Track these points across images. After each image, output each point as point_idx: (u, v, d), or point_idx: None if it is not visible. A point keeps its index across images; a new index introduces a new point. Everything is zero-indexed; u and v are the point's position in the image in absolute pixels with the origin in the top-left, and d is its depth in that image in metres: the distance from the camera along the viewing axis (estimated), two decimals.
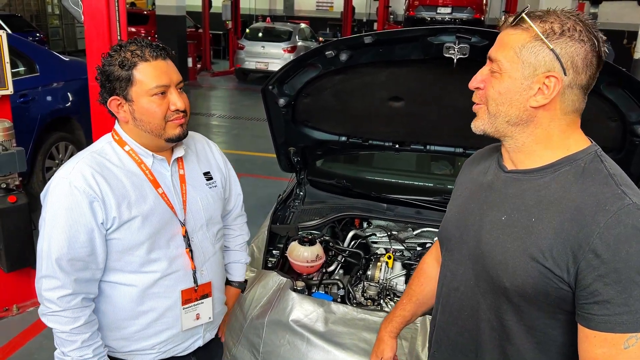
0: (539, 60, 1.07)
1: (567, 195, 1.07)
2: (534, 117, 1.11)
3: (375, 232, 2.84)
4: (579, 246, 1.02)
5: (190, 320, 1.62)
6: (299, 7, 25.11)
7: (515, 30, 1.09)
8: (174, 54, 1.52)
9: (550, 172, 1.12)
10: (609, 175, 1.07)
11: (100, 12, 2.79)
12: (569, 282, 1.04)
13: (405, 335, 2.00)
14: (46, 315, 1.45)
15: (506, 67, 1.10)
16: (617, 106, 2.05)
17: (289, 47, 13.16)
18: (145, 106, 1.45)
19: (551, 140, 1.12)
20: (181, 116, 1.49)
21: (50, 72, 5.09)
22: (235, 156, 7.10)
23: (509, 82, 1.10)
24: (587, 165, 1.10)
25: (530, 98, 1.09)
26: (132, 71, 1.42)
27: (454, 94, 2.23)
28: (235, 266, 1.93)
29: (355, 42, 2.19)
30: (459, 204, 1.33)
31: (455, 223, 1.30)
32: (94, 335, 1.48)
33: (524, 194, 1.14)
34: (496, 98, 1.12)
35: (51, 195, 1.44)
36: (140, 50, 1.43)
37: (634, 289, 0.98)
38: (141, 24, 15.07)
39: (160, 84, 1.44)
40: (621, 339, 1.00)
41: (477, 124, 1.18)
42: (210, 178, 1.68)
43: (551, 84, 1.07)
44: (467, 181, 1.35)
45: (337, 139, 2.82)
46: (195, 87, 12.78)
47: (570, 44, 1.05)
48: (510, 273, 1.11)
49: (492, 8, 17.39)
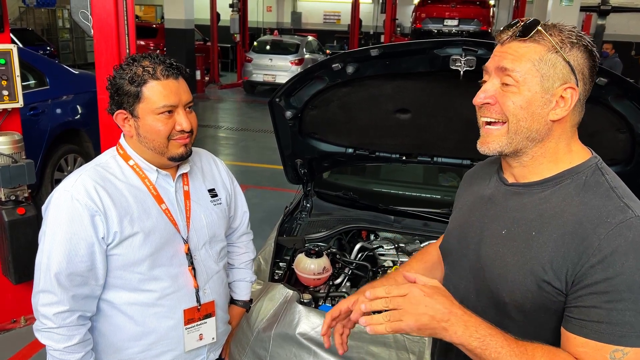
0: (557, 73, 1.06)
1: (568, 209, 1.06)
2: (550, 131, 1.10)
3: (382, 244, 2.82)
4: (578, 258, 1.01)
5: (193, 340, 1.59)
6: (306, 20, 25.26)
7: (526, 42, 1.07)
8: (187, 73, 1.49)
9: (551, 185, 1.11)
10: (610, 188, 1.06)
11: (109, 26, 2.81)
12: (566, 293, 1.03)
13: (413, 349, 1.98)
14: (40, 331, 1.41)
15: (524, 80, 1.06)
16: (626, 118, 2.04)
17: (297, 60, 13.23)
18: (150, 124, 1.42)
19: (557, 154, 1.12)
20: (186, 136, 1.46)
21: (60, 85, 5.14)
22: (243, 168, 7.12)
23: (529, 95, 1.07)
24: (588, 179, 1.09)
25: (551, 112, 1.07)
26: (141, 88, 1.40)
27: (461, 106, 2.22)
28: (240, 285, 1.90)
29: (362, 55, 2.19)
30: (459, 217, 1.32)
31: (457, 236, 1.29)
32: (88, 355, 1.44)
33: (525, 207, 1.13)
34: (517, 113, 1.08)
35: (52, 208, 1.41)
36: (153, 68, 1.41)
37: (620, 303, 0.97)
38: (150, 37, 15.22)
39: (168, 104, 1.41)
40: (602, 347, 0.99)
41: (493, 146, 1.12)
42: (215, 195, 1.66)
43: (568, 96, 1.06)
44: (467, 194, 1.34)
45: (344, 151, 2.81)
46: (203, 100, 12.86)
47: (580, 56, 1.06)
48: (509, 287, 1.10)
49: (499, 20, 17.42)
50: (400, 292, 1.02)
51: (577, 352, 1.02)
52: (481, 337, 1.00)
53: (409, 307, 1.00)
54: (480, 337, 1.00)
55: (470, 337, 1.00)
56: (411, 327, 1.00)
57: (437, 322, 1.00)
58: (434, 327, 1.00)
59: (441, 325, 1.01)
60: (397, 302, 1.01)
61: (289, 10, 25.75)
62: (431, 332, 1.01)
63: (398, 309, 1.01)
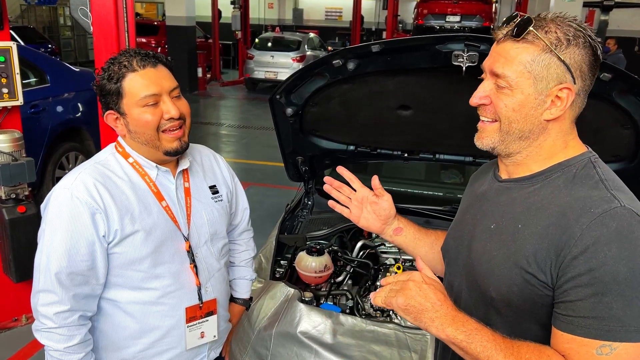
0: (551, 74, 1.04)
1: (554, 201, 1.05)
2: (545, 129, 1.09)
3: (384, 242, 2.80)
4: (560, 249, 0.99)
5: (195, 338, 1.58)
6: (307, 17, 25.23)
7: (519, 43, 1.05)
8: (168, 60, 1.47)
9: (541, 179, 1.10)
10: (600, 180, 1.04)
11: (108, 23, 2.80)
12: (553, 287, 1.02)
13: (415, 348, 1.96)
14: (40, 331, 1.39)
15: (517, 83, 1.05)
16: (630, 114, 2.02)
17: (298, 57, 13.21)
18: (137, 117, 1.41)
19: (554, 149, 1.10)
20: (177, 125, 1.44)
21: (60, 82, 5.13)
22: (245, 165, 7.11)
23: (522, 97, 1.06)
24: (578, 172, 1.07)
25: (545, 112, 1.06)
26: (120, 83, 1.39)
27: (463, 103, 2.18)
28: (240, 282, 1.89)
29: (363, 51, 2.17)
30: (457, 216, 1.33)
31: (453, 235, 1.30)
32: (88, 355, 1.43)
33: (514, 201, 1.12)
34: (509, 115, 1.08)
35: (52, 207, 1.39)
36: (128, 61, 1.39)
37: (605, 295, 0.95)
38: (151, 34, 15.19)
39: (149, 93, 1.39)
40: (589, 343, 0.96)
41: (486, 141, 1.14)
42: (216, 192, 1.64)
43: (564, 96, 1.04)
44: (467, 194, 1.35)
45: (345, 148, 2.80)
46: (205, 97, 12.85)
47: (577, 52, 1.03)
48: (495, 281, 1.10)
49: (501, 16, 17.35)
50: (402, 276, 1.09)
51: (564, 349, 1.00)
52: (467, 331, 1.02)
53: (406, 288, 1.06)
54: (466, 331, 1.02)
55: (456, 330, 1.02)
56: (400, 305, 1.05)
57: (425, 310, 1.03)
58: (420, 312, 1.04)
59: (428, 315, 1.03)
60: (400, 283, 1.08)
61: (290, 7, 25.71)
62: (416, 316, 1.04)
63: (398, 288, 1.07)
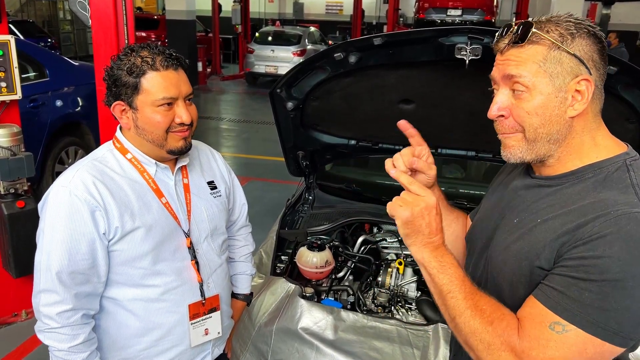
0: (565, 68, 1.02)
1: (579, 201, 1.03)
2: (571, 128, 1.06)
3: (385, 237, 2.79)
4: (567, 240, 0.98)
5: (199, 335, 1.57)
6: (308, 11, 25.12)
7: (525, 46, 1.03)
8: (187, 64, 1.45)
9: (572, 179, 1.08)
10: (631, 185, 1.01)
11: (107, 17, 2.78)
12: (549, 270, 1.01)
13: (417, 344, 1.95)
14: (43, 332, 1.38)
15: (534, 83, 1.03)
16: (635, 107, 1.99)
17: (299, 51, 13.16)
18: (148, 116, 1.39)
19: (582, 148, 1.08)
20: (185, 129, 1.44)
21: (60, 77, 5.10)
22: (245, 160, 7.09)
23: (542, 99, 1.03)
24: (610, 174, 1.04)
25: (568, 109, 1.04)
26: (140, 79, 1.36)
27: (466, 96, 2.18)
28: (240, 278, 1.88)
29: (365, 44, 2.14)
30: (486, 207, 1.32)
31: (480, 226, 1.29)
32: (93, 354, 1.41)
33: (540, 198, 1.11)
34: (533, 122, 1.05)
35: (50, 205, 1.37)
36: (152, 58, 1.37)
37: (584, 282, 0.94)
38: (151, 28, 15.13)
39: (168, 96, 1.38)
40: (546, 314, 0.96)
41: (514, 153, 1.09)
42: (214, 187, 1.64)
43: (584, 88, 1.02)
44: (498, 184, 1.32)
45: (347, 143, 2.77)
46: (205, 91, 12.81)
47: (584, 43, 1.02)
48: (507, 272, 1.09)
49: (502, 10, 17.30)
50: (422, 192, 1.10)
51: (523, 314, 1.01)
52: (443, 262, 1.08)
53: (415, 205, 1.09)
54: (442, 262, 1.08)
55: (434, 257, 1.08)
56: (402, 216, 1.09)
57: (420, 232, 1.08)
58: (415, 231, 1.08)
59: (420, 238, 1.08)
60: (414, 197, 1.10)
61: (291, 1, 25.60)
62: (408, 232, 1.09)
63: (410, 200, 1.10)
